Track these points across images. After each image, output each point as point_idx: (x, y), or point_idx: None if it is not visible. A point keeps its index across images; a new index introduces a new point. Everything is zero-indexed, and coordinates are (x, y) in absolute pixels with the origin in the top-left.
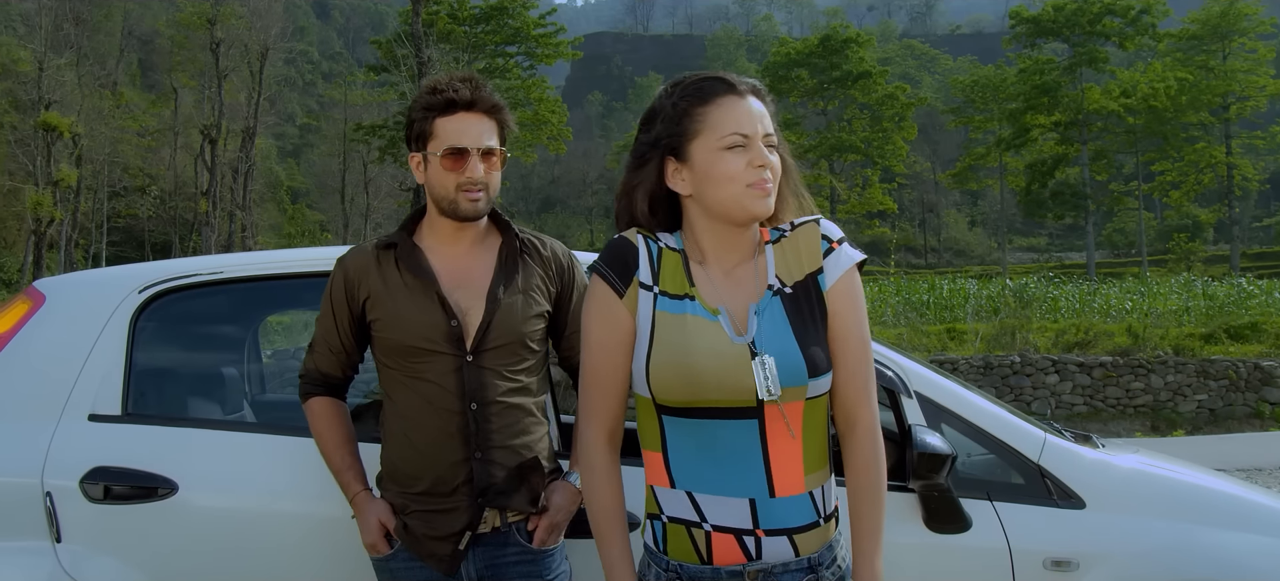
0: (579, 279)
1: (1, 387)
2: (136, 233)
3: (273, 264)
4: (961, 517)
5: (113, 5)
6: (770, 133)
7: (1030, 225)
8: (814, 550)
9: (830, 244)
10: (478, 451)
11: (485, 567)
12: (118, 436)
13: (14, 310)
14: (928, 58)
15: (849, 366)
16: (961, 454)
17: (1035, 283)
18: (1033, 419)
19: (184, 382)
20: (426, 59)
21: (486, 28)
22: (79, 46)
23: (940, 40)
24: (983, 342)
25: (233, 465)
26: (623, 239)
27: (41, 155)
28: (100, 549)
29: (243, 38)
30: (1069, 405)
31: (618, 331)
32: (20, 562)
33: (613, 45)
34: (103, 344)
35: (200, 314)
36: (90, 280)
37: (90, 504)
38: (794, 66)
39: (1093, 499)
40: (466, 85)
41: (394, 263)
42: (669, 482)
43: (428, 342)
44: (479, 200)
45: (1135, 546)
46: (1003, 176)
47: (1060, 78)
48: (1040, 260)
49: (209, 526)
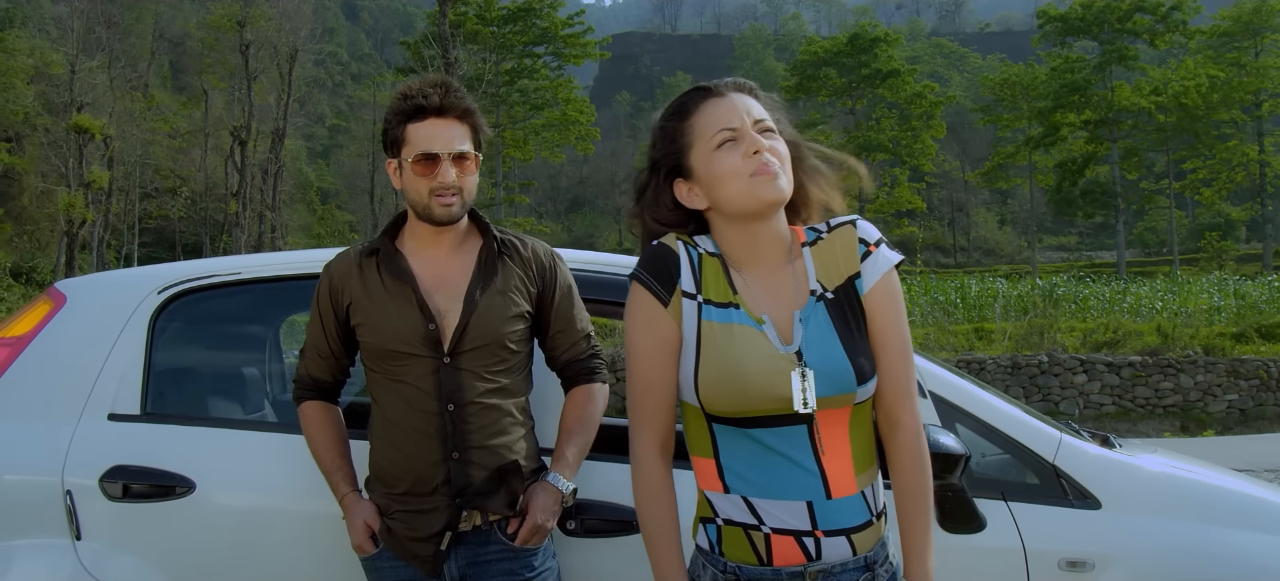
0: (561, 278)
1: (23, 387)
2: (168, 234)
3: (291, 264)
4: (976, 517)
5: (144, 8)
6: (762, 118)
7: (1060, 224)
8: (869, 548)
9: (867, 246)
10: (455, 452)
11: (468, 565)
12: (137, 435)
13: (36, 310)
14: (957, 56)
15: (890, 369)
16: (976, 454)
17: (1064, 282)
18: (1048, 419)
19: (203, 382)
20: (453, 60)
21: (514, 28)
22: (110, 49)
23: (969, 38)
24: (1010, 342)
25: (250, 464)
26: (663, 245)
27: (73, 157)
28: (119, 546)
29: (272, 39)
30: (1097, 405)
31: (664, 341)
32: (41, 559)
33: (641, 45)
34: (122, 344)
35: (219, 314)
36: (110, 281)
37: (109, 502)
38: (822, 65)
39: (1109, 499)
40: (437, 90)
41: (376, 268)
42: (722, 488)
43: (406, 346)
44: (452, 204)
45: (1152, 547)
46: (1032, 175)
47: (1090, 76)
48: (1070, 259)
49: (226, 524)
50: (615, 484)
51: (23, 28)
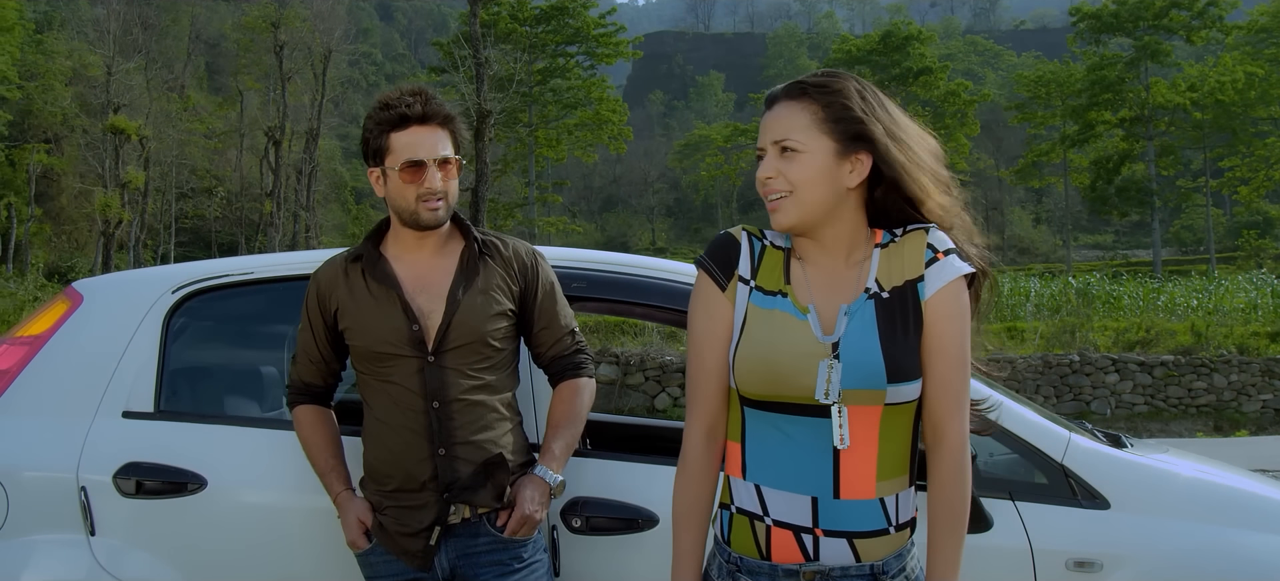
0: (543, 276)
1: (41, 384)
2: (204, 233)
3: (303, 264)
4: (982, 517)
5: (180, 10)
6: (781, 138)
7: (1096, 222)
8: (879, 557)
9: (935, 253)
10: (441, 447)
11: (458, 558)
12: (150, 433)
13: (53, 309)
14: (991, 54)
15: (941, 379)
16: (984, 453)
17: (1098, 280)
18: (1058, 418)
19: (216, 380)
20: (484, 60)
21: (547, 28)
22: (147, 51)
23: (1004, 36)
24: (1042, 341)
25: (262, 461)
26: (728, 234)
27: (110, 158)
28: (133, 542)
29: (306, 40)
30: (1129, 404)
31: (719, 325)
32: (57, 554)
33: (674, 44)
34: (137, 342)
35: (232, 313)
36: (126, 280)
37: (123, 498)
38: (855, 64)
39: (1118, 499)
40: (418, 99)
41: (361, 273)
42: (742, 473)
43: (392, 347)
44: (438, 208)
45: (1161, 547)
46: (1067, 173)
47: (1124, 73)
48: (1106, 258)
49: (237, 520)
50: (619, 482)
51: (61, 30)
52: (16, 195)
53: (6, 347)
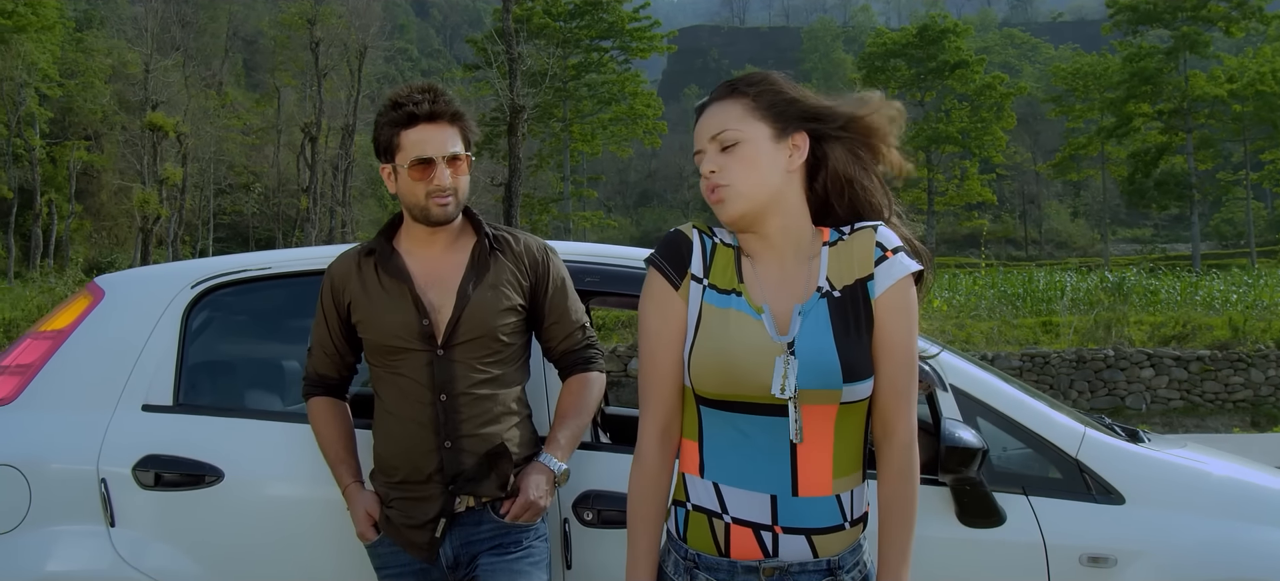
0: (554, 271)
1: (62, 378)
2: (241, 229)
3: (320, 259)
4: (995, 512)
5: (218, 7)
6: (720, 132)
7: (1134, 216)
8: (835, 552)
9: (884, 252)
10: (447, 440)
11: (461, 546)
12: (169, 426)
13: (76, 305)
14: (1028, 46)
15: (889, 376)
16: (997, 448)
17: (1135, 274)
18: (1074, 413)
19: (234, 374)
20: (517, 55)
21: (581, 23)
22: (185, 48)
23: (1041, 28)
24: (1076, 336)
25: (279, 453)
26: (678, 232)
27: (148, 154)
28: (151, 533)
29: (342, 36)
30: (1165, 400)
31: (672, 323)
32: (77, 545)
33: (708, 38)
34: (156, 337)
35: (250, 308)
36: (146, 276)
37: (142, 490)
38: (891, 57)
39: (1133, 494)
40: (426, 97)
41: (374, 267)
42: (699, 472)
43: (402, 341)
44: (448, 204)
45: (1176, 542)
46: (1104, 166)
47: (1162, 64)
48: (1144, 252)
49: (253, 512)
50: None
51: (101, 28)
52: (57, 192)
53: (30, 342)
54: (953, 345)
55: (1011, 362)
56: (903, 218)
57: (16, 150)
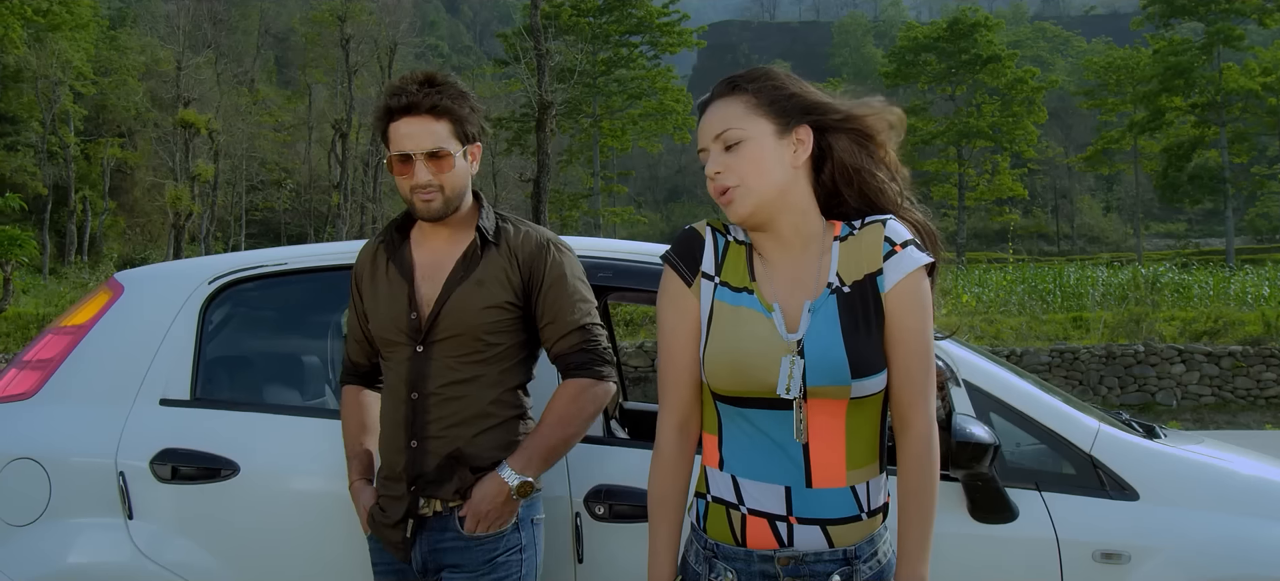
0: (552, 267)
1: (82, 373)
2: (273, 225)
3: (336, 255)
4: (1007, 507)
5: (250, 5)
6: (722, 132)
7: (1168, 211)
8: (851, 543)
9: (893, 246)
10: (413, 439)
11: (429, 552)
12: (186, 420)
13: (96, 300)
14: (1060, 40)
15: (904, 369)
16: (1010, 443)
17: (1167, 269)
18: (1088, 408)
19: (251, 369)
20: (544, 51)
21: (610, 18)
22: (217, 45)
23: (1073, 21)
24: (1106, 331)
25: (294, 447)
26: (692, 230)
27: (180, 151)
28: (168, 526)
29: (372, 33)
30: (1196, 396)
31: (686, 320)
32: (96, 537)
33: (739, 34)
34: (174, 332)
35: (267, 303)
36: (164, 272)
37: (159, 483)
38: (922, 51)
39: (1147, 490)
40: (406, 91)
41: (385, 257)
42: (718, 465)
43: (392, 334)
44: (432, 200)
45: (1191, 539)
46: (1137, 160)
47: (1195, 58)
48: (1178, 247)
49: (268, 506)
50: (643, 470)
51: (134, 26)
52: (92, 188)
53: (51, 337)
54: (980, 340)
55: (1040, 358)
56: (915, 205)
57: (52, 147)
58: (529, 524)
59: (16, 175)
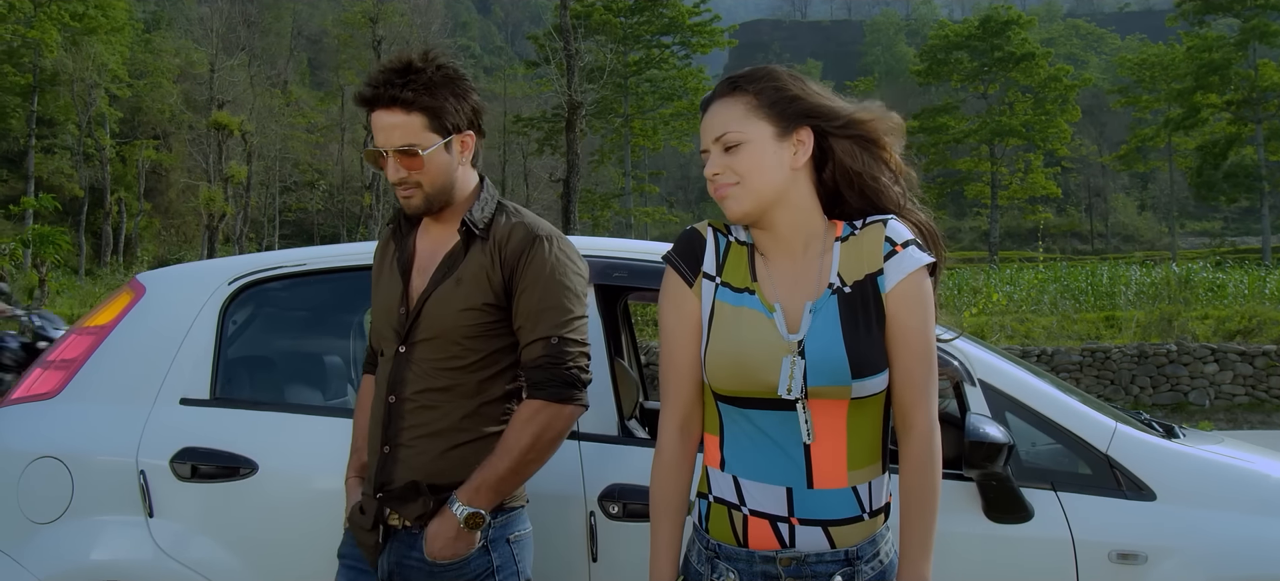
0: (535, 266)
1: (105, 372)
2: (306, 226)
3: (354, 256)
4: (1022, 507)
5: (283, 7)
6: (722, 134)
7: (1203, 209)
8: (853, 543)
9: (893, 246)
10: (386, 445)
11: (394, 565)
12: (206, 419)
13: (119, 301)
14: (1093, 37)
15: (906, 369)
16: (1026, 443)
17: (1201, 268)
18: (1105, 407)
19: (270, 368)
20: (573, 51)
21: (641, 19)
22: (250, 48)
23: (1107, 19)
24: (1138, 330)
25: (312, 447)
26: (693, 230)
27: (214, 153)
28: (188, 524)
29: (404, 34)
30: (1229, 395)
31: (687, 320)
32: (117, 535)
33: (770, 33)
34: (195, 332)
35: (286, 303)
36: (186, 273)
37: (179, 482)
38: (953, 49)
39: (1164, 490)
40: (378, 78)
41: (392, 246)
42: (720, 465)
43: (385, 328)
44: (412, 197)
45: (1208, 540)
46: (1172, 158)
47: (1231, 54)
48: (1213, 245)
49: (286, 504)
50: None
51: (169, 29)
52: (127, 190)
53: (74, 337)
54: (1011, 340)
55: (1072, 358)
56: (918, 206)
57: (88, 150)
58: (503, 543)
59: (54, 177)
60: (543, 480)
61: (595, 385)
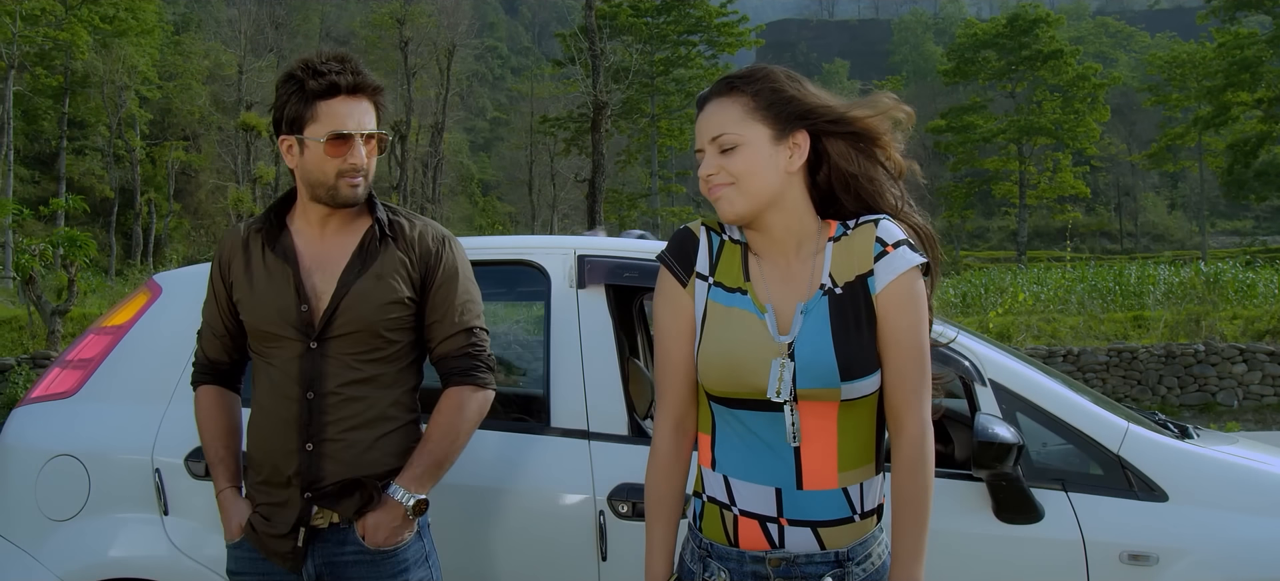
0: (447, 263)
1: (122, 371)
2: None
3: None
4: (1032, 508)
5: (310, 9)
6: (718, 135)
7: (1234, 208)
8: (843, 545)
9: (884, 246)
10: (309, 442)
11: (324, 565)
12: None
13: (135, 301)
14: (1123, 35)
15: (897, 370)
16: (1036, 443)
17: (1231, 267)
18: (1118, 407)
19: None
20: (599, 52)
21: (667, 18)
22: (278, 49)
23: (1137, 16)
24: (1166, 330)
25: None
26: (686, 230)
27: (242, 154)
28: (202, 521)
29: (431, 35)
30: (1258, 396)
31: (681, 320)
32: (133, 532)
33: (797, 32)
34: None
35: None
36: (201, 273)
37: (193, 480)
38: (981, 48)
39: (1176, 491)
40: (346, 68)
41: (261, 244)
42: (712, 465)
43: (278, 327)
44: (359, 185)
45: (1221, 541)
46: (1202, 157)
47: (1262, 51)
48: (1244, 244)
49: None
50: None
51: (198, 31)
52: (157, 191)
53: (92, 337)
54: (1038, 340)
55: (1098, 358)
56: (914, 208)
57: (118, 151)
58: (426, 527)
59: (85, 178)
60: (551, 479)
61: (604, 384)
